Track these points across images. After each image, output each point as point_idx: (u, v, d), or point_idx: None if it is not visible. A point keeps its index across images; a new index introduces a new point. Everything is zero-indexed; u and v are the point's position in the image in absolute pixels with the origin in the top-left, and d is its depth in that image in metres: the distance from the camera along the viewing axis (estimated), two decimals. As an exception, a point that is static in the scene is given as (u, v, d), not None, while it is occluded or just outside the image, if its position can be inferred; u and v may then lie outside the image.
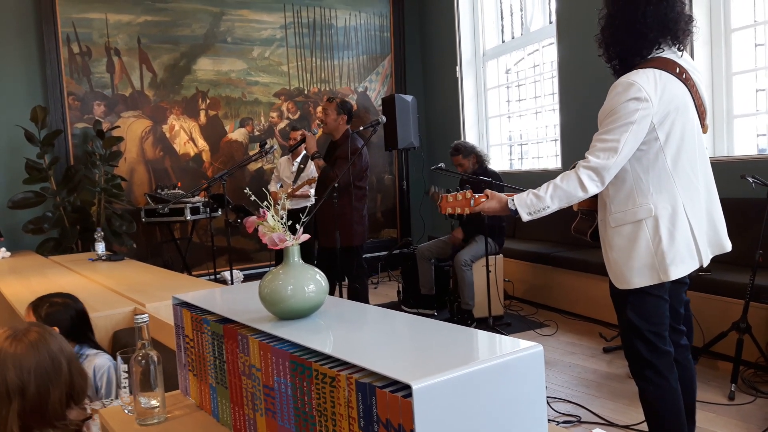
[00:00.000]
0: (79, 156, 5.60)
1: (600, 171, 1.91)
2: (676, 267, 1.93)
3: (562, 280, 4.73)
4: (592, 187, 1.93)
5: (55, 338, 1.53)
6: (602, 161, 1.90)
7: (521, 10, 6.22)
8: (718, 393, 3.04)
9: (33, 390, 1.41)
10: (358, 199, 4.14)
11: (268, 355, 1.00)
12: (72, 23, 5.57)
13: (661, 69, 1.93)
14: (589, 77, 4.96)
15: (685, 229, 1.94)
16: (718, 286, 3.41)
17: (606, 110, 1.96)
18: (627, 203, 1.98)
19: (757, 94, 4.17)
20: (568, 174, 1.96)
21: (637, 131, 1.89)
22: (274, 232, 1.12)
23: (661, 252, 1.93)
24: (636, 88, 1.88)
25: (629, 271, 1.98)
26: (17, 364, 1.42)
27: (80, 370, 1.56)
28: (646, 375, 2.05)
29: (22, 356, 1.43)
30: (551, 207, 1.97)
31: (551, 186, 1.97)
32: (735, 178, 3.34)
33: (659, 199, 1.94)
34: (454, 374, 0.76)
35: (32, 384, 1.42)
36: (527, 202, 1.98)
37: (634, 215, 1.96)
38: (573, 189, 1.94)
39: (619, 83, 1.94)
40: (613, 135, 1.90)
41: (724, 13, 4.19)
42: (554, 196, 1.95)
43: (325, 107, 4.21)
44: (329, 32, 6.84)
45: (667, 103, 1.91)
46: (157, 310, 2.35)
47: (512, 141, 6.59)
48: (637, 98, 1.88)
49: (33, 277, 3.38)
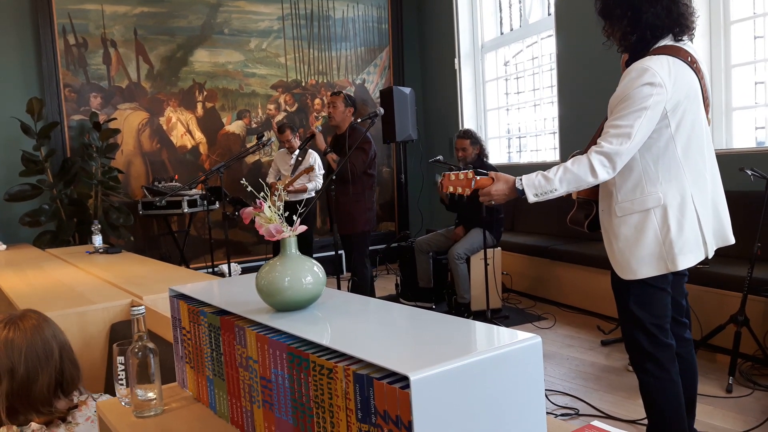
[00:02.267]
0: (76, 148, 5.57)
1: (612, 156, 1.87)
2: (684, 257, 1.92)
3: (560, 273, 4.74)
4: (602, 173, 1.89)
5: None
6: (615, 147, 1.87)
7: (520, 2, 6.19)
8: (716, 386, 3.04)
9: (22, 372, 1.44)
10: (369, 186, 4.41)
11: (265, 347, 1.00)
12: (68, 14, 5.54)
13: (674, 56, 1.90)
14: (587, 70, 4.94)
15: (693, 220, 1.92)
16: (716, 279, 3.42)
17: (619, 95, 1.91)
18: (635, 192, 1.96)
19: (755, 87, 4.16)
20: (579, 158, 1.92)
21: (651, 117, 1.86)
22: (270, 224, 1.11)
23: (669, 242, 1.91)
24: (651, 74, 1.85)
25: (636, 261, 1.96)
26: (9, 346, 1.44)
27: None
28: (647, 367, 2.05)
29: (13, 339, 1.45)
30: (559, 190, 1.93)
31: (561, 169, 1.93)
32: (733, 171, 3.33)
33: (668, 188, 1.92)
34: (452, 365, 0.76)
35: (21, 366, 1.44)
36: (535, 183, 1.94)
37: (643, 204, 1.94)
38: (583, 173, 1.90)
39: (633, 68, 1.90)
40: (627, 120, 1.86)
41: (723, 4, 4.18)
42: (563, 179, 1.91)
43: (333, 100, 4.41)
44: (327, 24, 6.81)
45: (679, 90, 1.89)
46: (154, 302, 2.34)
47: (511, 133, 6.58)
48: (651, 83, 1.85)
49: (29, 270, 3.37)
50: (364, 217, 4.36)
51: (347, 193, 4.24)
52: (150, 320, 2.08)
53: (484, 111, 6.76)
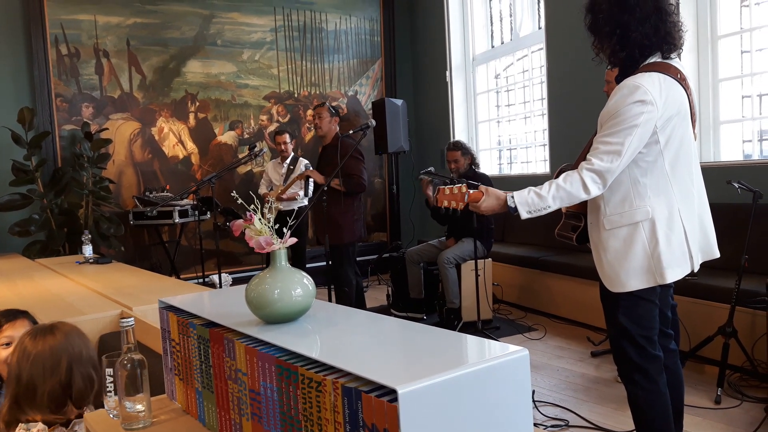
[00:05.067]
0: (67, 158, 5.55)
1: (603, 174, 1.90)
2: (672, 270, 1.94)
3: (550, 284, 4.75)
4: (594, 189, 1.92)
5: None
6: (606, 164, 1.89)
7: (511, 15, 6.25)
8: (705, 397, 3.06)
9: (26, 379, 1.56)
10: (359, 197, 4.43)
11: (254, 360, 1.00)
12: (60, 24, 5.54)
13: (664, 73, 1.92)
14: (577, 83, 4.99)
15: (680, 233, 1.95)
16: (705, 291, 3.44)
17: (609, 112, 1.93)
18: (623, 205, 1.98)
19: (743, 101, 4.21)
20: (571, 174, 1.94)
21: (641, 134, 1.88)
22: (260, 236, 1.11)
23: (657, 255, 1.93)
24: (642, 91, 1.87)
25: (625, 273, 1.98)
26: (21, 354, 1.59)
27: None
28: (636, 379, 2.06)
29: (27, 348, 1.60)
30: (552, 207, 1.96)
31: (554, 186, 1.95)
32: (721, 184, 3.37)
33: (657, 203, 1.94)
34: (440, 379, 0.76)
35: (25, 373, 1.56)
36: (528, 201, 1.97)
37: (631, 217, 1.96)
38: (576, 191, 1.93)
39: (624, 85, 1.91)
40: (617, 138, 1.89)
41: (710, 19, 4.24)
42: (557, 196, 1.94)
43: (318, 112, 4.44)
44: (320, 36, 6.84)
45: (669, 107, 1.91)
46: (144, 313, 2.33)
47: (501, 146, 6.62)
48: (642, 101, 1.86)
49: (19, 280, 3.35)
50: (353, 227, 4.37)
51: (339, 203, 4.24)
52: (139, 331, 2.07)
53: (475, 123, 6.80)
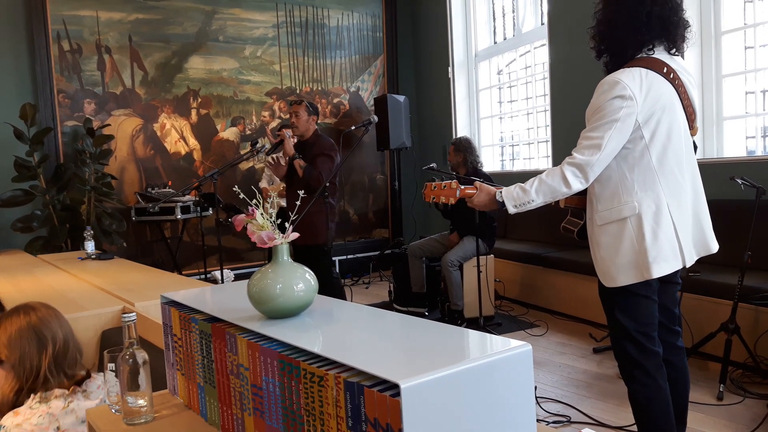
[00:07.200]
0: (69, 154, 5.56)
1: (584, 167, 1.95)
2: (659, 265, 1.95)
3: (552, 281, 4.75)
4: (575, 183, 1.96)
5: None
6: (586, 158, 1.94)
7: (513, 11, 6.23)
8: (707, 393, 3.05)
9: (62, 337, 1.65)
10: (332, 196, 4.20)
11: (256, 355, 1.00)
12: (62, 20, 5.53)
13: (647, 68, 1.95)
14: (580, 79, 4.97)
15: (669, 228, 1.95)
16: (707, 287, 3.43)
17: (592, 108, 1.99)
18: (612, 201, 2.00)
19: (746, 97, 4.20)
20: (553, 170, 2.00)
21: (621, 129, 1.92)
22: (262, 230, 1.11)
23: (643, 249, 1.94)
24: (621, 86, 1.91)
25: (615, 268, 2.00)
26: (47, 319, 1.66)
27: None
28: (635, 375, 2.06)
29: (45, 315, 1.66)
30: (536, 201, 2.01)
31: (537, 181, 2.01)
32: (724, 180, 3.36)
33: (644, 198, 1.96)
34: (442, 373, 0.76)
35: (60, 332, 1.65)
36: (513, 195, 2.03)
37: (619, 213, 1.98)
38: (557, 184, 1.97)
39: (605, 81, 1.97)
40: (598, 132, 1.93)
41: (714, 15, 4.22)
42: (539, 190, 2.00)
43: (295, 110, 4.24)
44: (322, 32, 6.83)
45: (652, 101, 1.93)
46: (146, 309, 2.33)
47: (504, 142, 6.61)
48: (621, 96, 1.91)
49: (21, 276, 3.35)
50: (326, 228, 4.13)
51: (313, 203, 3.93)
52: (141, 327, 2.07)
53: (478, 119, 6.79)
